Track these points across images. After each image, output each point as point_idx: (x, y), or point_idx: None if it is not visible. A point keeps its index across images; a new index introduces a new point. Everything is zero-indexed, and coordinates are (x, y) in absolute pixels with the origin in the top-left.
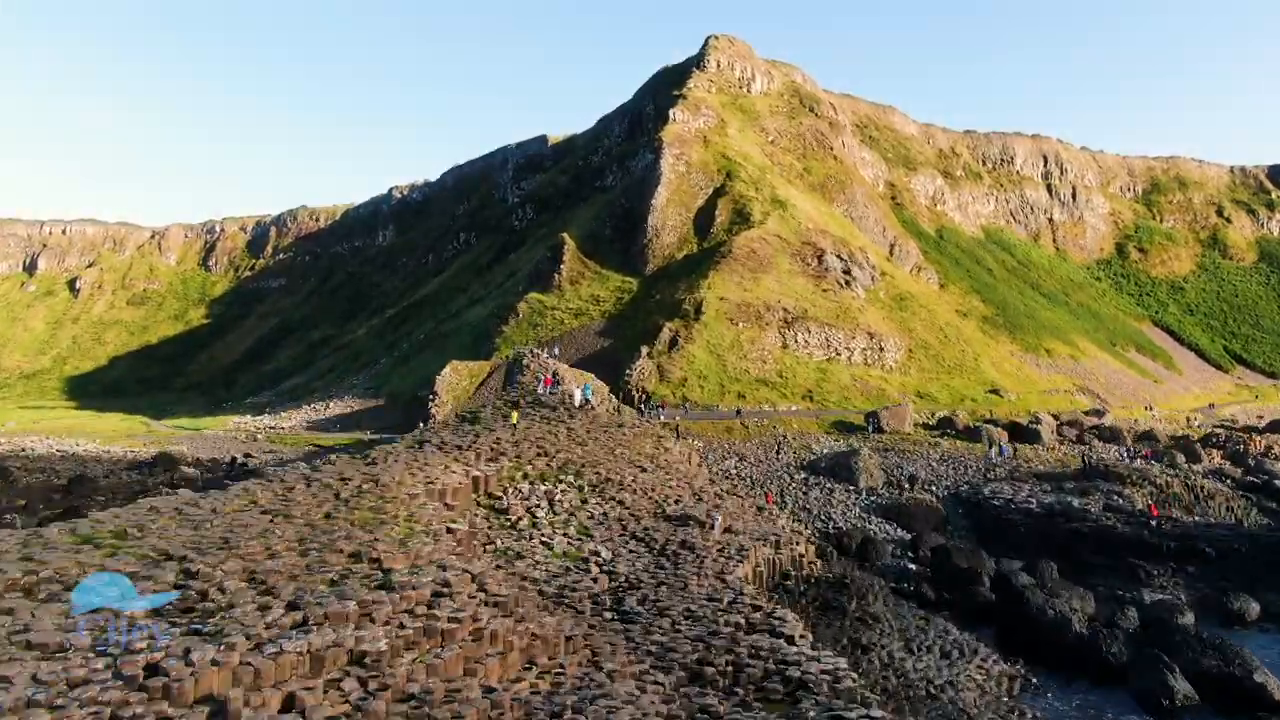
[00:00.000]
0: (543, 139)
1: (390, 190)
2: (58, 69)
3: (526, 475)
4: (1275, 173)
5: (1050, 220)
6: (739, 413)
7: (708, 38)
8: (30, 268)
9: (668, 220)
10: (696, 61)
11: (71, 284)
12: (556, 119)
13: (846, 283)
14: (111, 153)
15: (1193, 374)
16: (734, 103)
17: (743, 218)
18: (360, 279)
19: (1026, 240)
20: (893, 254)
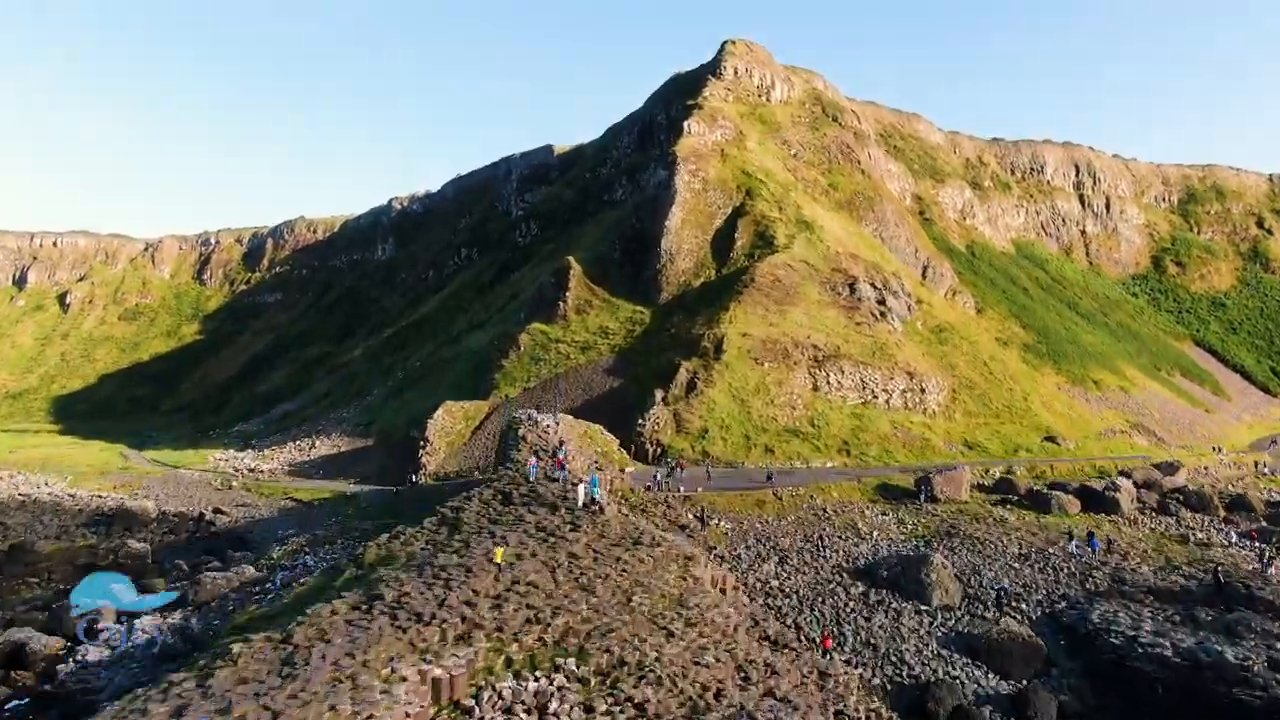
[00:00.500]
0: (548, 149)
1: (390, 201)
2: (53, 78)
3: (510, 663)
4: None
5: (1083, 232)
6: (770, 477)
7: (724, 43)
8: (20, 281)
9: (683, 243)
10: (712, 68)
11: (62, 298)
12: (563, 127)
13: (881, 314)
14: (106, 163)
15: (1240, 398)
16: (753, 112)
17: (765, 241)
18: (359, 294)
19: (1058, 254)
20: (925, 277)
